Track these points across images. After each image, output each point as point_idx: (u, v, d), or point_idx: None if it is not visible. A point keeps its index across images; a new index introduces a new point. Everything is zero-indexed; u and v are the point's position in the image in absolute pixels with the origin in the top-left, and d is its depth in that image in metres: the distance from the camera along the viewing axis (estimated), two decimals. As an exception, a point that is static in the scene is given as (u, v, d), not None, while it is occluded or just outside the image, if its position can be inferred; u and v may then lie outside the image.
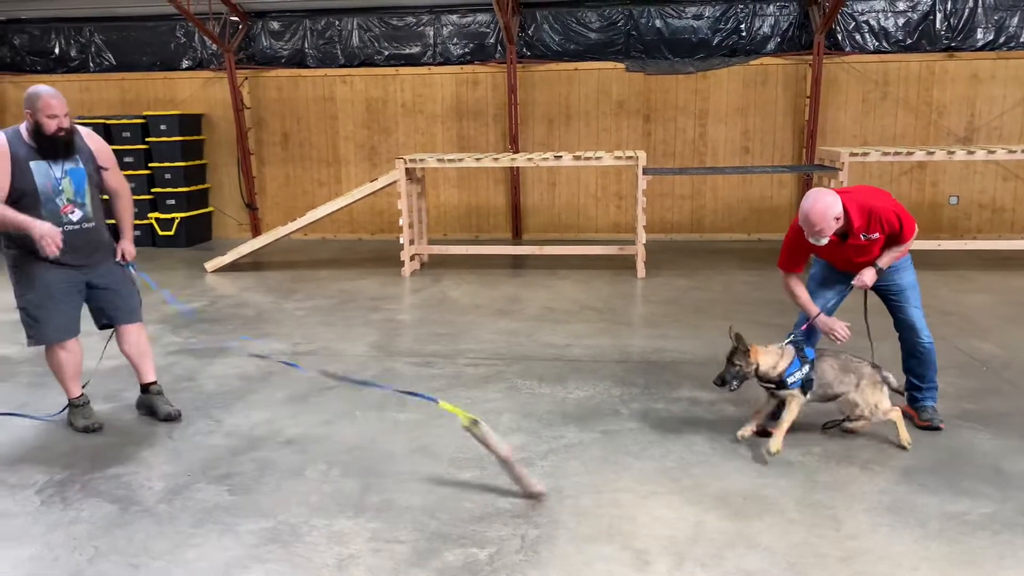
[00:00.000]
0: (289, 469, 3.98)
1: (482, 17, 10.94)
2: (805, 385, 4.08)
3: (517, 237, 11.32)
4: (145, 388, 4.79)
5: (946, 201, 10.59)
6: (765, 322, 6.45)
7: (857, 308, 4.44)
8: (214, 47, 11.30)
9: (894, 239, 4.15)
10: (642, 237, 8.62)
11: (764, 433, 4.24)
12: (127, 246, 4.73)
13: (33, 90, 4.17)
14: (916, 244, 8.92)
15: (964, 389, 4.95)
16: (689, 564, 3.07)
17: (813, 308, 4.27)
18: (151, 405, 4.75)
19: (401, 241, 8.91)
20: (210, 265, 9.30)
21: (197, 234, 11.47)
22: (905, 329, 4.35)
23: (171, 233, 11.13)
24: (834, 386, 4.13)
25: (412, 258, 9.09)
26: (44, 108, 4.13)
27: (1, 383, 5.40)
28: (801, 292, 4.32)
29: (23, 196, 4.14)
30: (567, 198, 11.27)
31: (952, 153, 8.31)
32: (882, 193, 4.21)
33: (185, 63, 11.62)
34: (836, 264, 4.35)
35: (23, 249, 4.22)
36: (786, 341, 4.20)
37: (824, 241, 4.05)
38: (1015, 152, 8.24)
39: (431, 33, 11.09)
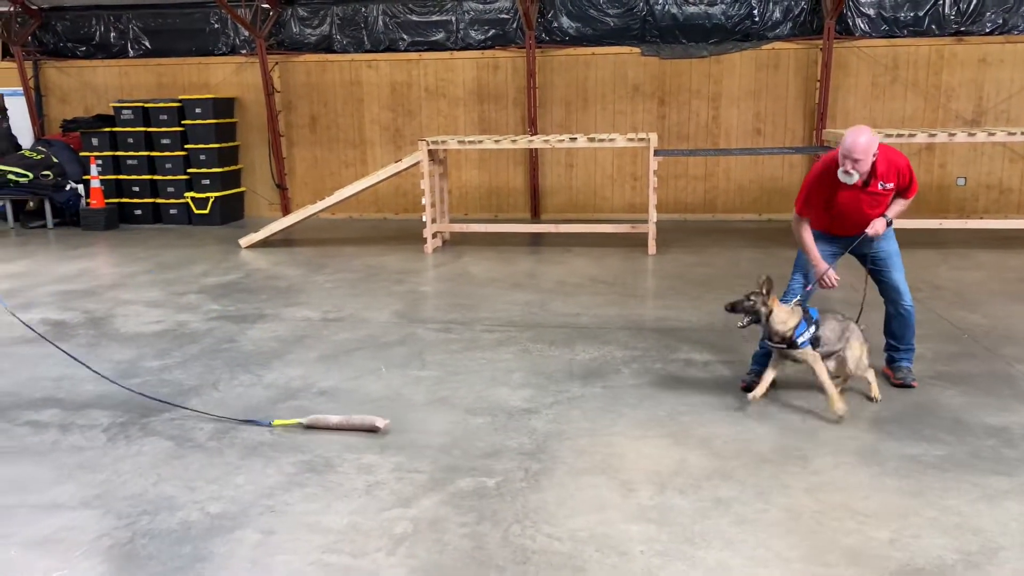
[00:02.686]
0: (323, 414, 4.48)
1: (502, 3, 11.34)
2: (813, 343, 4.39)
3: (536, 217, 11.76)
4: None
5: (953, 182, 10.86)
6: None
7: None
8: (246, 33, 11.80)
9: (901, 193, 4.61)
10: (653, 216, 9.02)
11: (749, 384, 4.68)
12: None
13: None
14: (920, 223, 9.26)
15: (942, 354, 5.34)
16: (669, 492, 3.53)
17: (816, 254, 4.64)
18: None
19: (424, 219, 9.38)
20: (244, 241, 9.84)
21: (230, 213, 12.03)
22: (891, 292, 4.75)
23: (206, 212, 11.69)
24: (833, 344, 4.45)
25: (434, 236, 9.56)
26: None
27: (61, 343, 5.95)
28: (808, 238, 4.66)
29: None
30: (584, 179, 11.67)
31: (953, 135, 8.61)
32: (899, 152, 4.64)
33: (219, 49, 12.15)
34: (845, 218, 4.63)
35: None
36: (793, 302, 4.56)
37: (854, 179, 4.35)
38: (1015, 134, 8.51)
39: (453, 19, 11.50)
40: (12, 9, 12.03)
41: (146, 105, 11.66)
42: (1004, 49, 10.47)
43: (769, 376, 4.48)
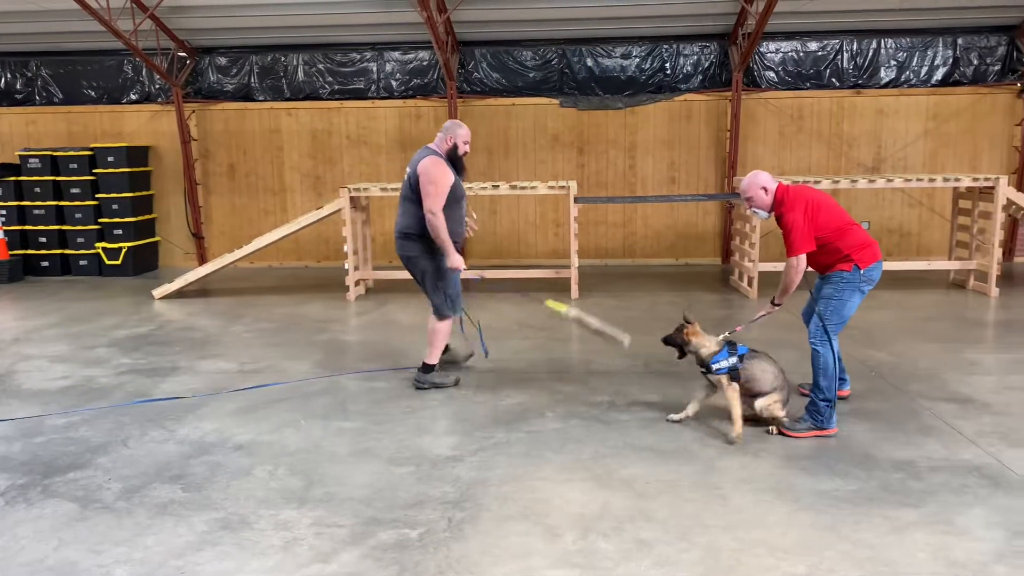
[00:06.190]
0: (238, 470, 4.34)
1: (423, 54, 11.49)
2: (731, 374, 4.70)
3: (459, 263, 11.77)
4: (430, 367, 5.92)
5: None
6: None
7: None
8: (161, 81, 11.60)
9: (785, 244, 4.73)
10: (575, 261, 9.16)
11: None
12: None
13: (456, 122, 5.60)
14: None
15: (852, 391, 5.54)
16: (593, 535, 3.53)
17: None
18: (454, 359, 6.25)
19: (346, 267, 9.29)
20: (158, 292, 9.55)
21: (144, 263, 11.68)
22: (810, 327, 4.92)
23: (118, 262, 11.32)
24: (762, 385, 4.75)
25: (357, 283, 9.47)
26: (466, 136, 5.58)
27: None
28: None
29: (459, 200, 5.56)
30: (508, 226, 11.79)
31: (855, 182, 9.06)
32: (799, 196, 4.71)
33: (132, 96, 11.90)
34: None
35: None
36: (723, 335, 4.88)
37: (759, 213, 4.81)
38: (911, 180, 9.01)
39: (374, 68, 11.59)
40: (-90, 54, 11.56)
41: (55, 154, 11.30)
42: (899, 101, 11.14)
43: (694, 406, 4.96)
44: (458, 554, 3.41)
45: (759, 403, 4.75)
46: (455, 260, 5.50)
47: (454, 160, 5.56)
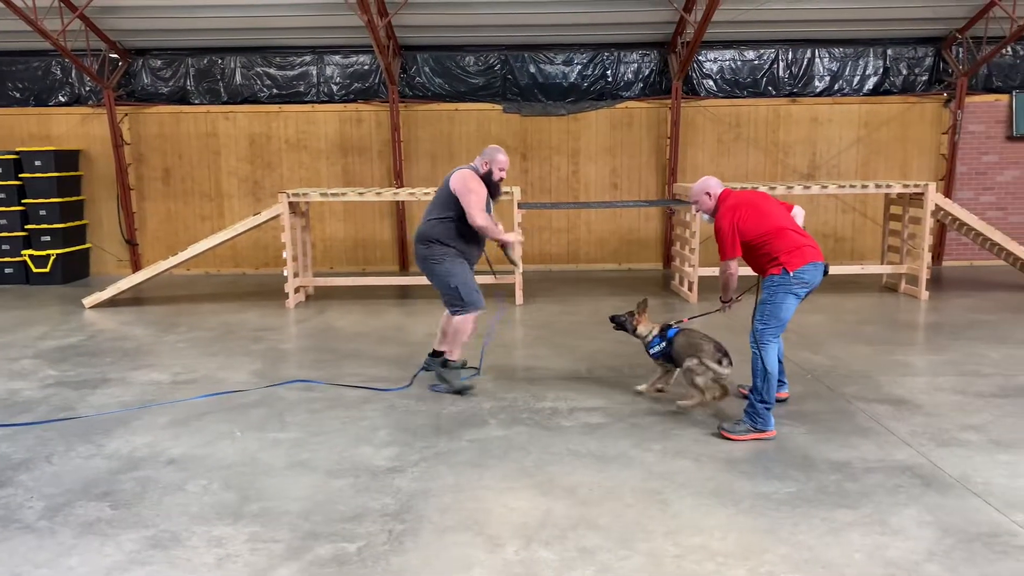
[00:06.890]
0: (170, 485, 4.19)
1: (364, 58, 11.36)
2: (662, 356, 5.46)
3: (404, 269, 11.68)
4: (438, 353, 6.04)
5: (794, 232, 11.62)
6: (623, 339, 7.01)
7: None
8: (92, 83, 11.23)
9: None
10: (520, 266, 9.13)
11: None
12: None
13: (497, 148, 5.80)
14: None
15: (790, 394, 5.62)
16: (535, 545, 3.50)
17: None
18: (439, 373, 5.99)
19: (285, 274, 9.11)
20: (88, 301, 9.22)
21: (74, 271, 11.28)
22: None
23: (46, 270, 10.91)
24: (681, 355, 5.28)
25: (296, 290, 9.30)
26: (503, 163, 5.77)
27: None
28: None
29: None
30: (450, 232, 11.70)
31: (791, 188, 9.25)
32: (739, 202, 4.97)
33: (61, 98, 11.49)
34: None
35: (454, 249, 5.77)
36: (670, 323, 5.57)
37: (704, 216, 5.21)
38: (844, 187, 9.25)
39: (314, 72, 11.41)
40: None
41: (-23, 157, 10.84)
42: (832, 109, 11.43)
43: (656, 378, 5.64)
44: (398, 567, 3.34)
45: (685, 364, 5.19)
46: (507, 236, 5.87)
47: (488, 183, 5.77)
